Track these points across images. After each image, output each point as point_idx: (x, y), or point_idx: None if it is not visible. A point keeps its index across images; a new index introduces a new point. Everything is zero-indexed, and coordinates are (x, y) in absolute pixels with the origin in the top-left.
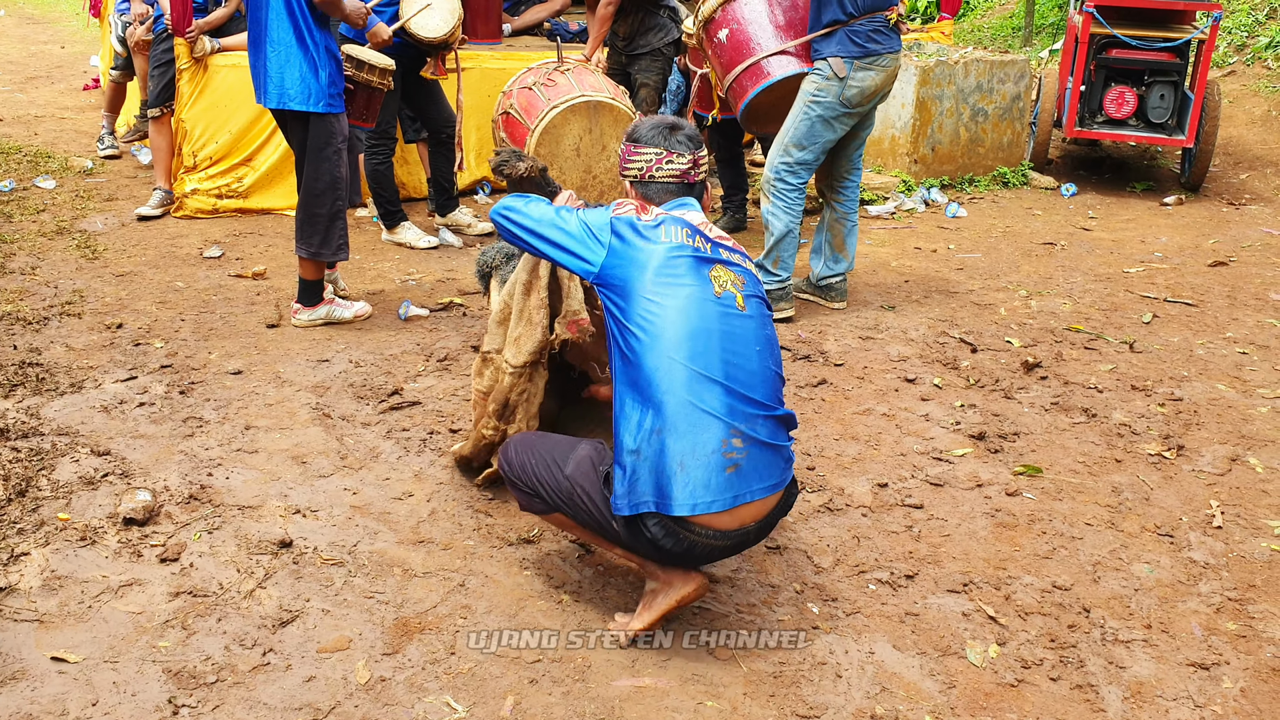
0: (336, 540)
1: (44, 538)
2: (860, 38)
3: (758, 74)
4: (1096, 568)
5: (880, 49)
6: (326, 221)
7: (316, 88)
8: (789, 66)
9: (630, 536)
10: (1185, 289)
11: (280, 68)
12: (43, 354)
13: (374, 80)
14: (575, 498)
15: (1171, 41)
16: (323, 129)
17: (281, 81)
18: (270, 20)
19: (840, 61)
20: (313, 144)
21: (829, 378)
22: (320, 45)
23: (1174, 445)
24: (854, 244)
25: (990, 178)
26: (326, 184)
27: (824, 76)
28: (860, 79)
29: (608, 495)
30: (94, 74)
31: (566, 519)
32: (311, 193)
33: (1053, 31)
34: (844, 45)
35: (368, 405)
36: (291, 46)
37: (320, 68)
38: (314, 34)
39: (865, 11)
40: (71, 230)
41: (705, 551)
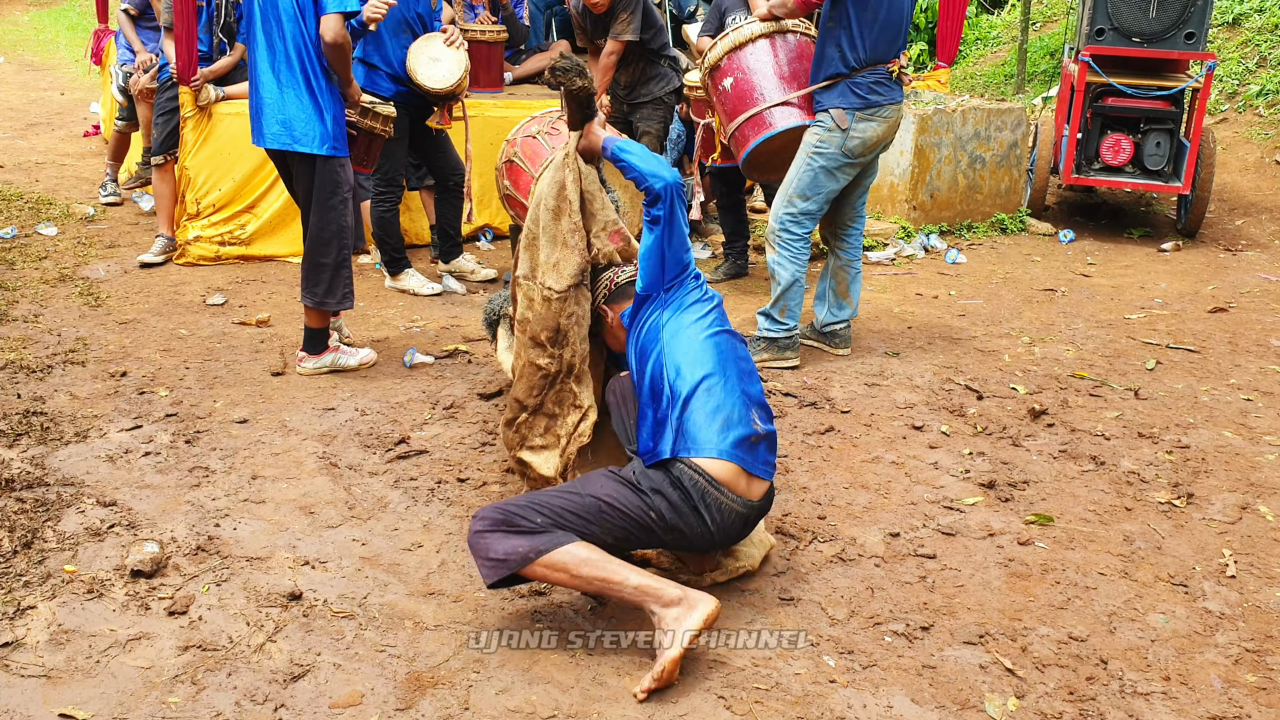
0: (346, 592)
1: (50, 590)
2: (862, 90)
3: (760, 124)
4: (1112, 618)
5: (882, 100)
6: (332, 270)
7: (322, 130)
8: (791, 118)
9: (661, 501)
10: (1187, 335)
11: (284, 108)
12: (47, 403)
13: (377, 127)
14: (602, 507)
15: (1166, 90)
16: (329, 175)
17: (285, 122)
18: (277, 61)
19: (842, 113)
20: (320, 190)
21: (836, 425)
22: (324, 89)
23: (1183, 493)
24: (858, 291)
25: (988, 224)
26: (333, 232)
27: (826, 128)
28: (862, 130)
29: (635, 491)
30: (94, 120)
31: (563, 563)
32: (317, 240)
33: (1044, 79)
34: (845, 97)
35: (375, 454)
36: (299, 88)
37: (325, 110)
38: (320, 77)
39: (866, 64)
40: (74, 277)
41: (727, 517)
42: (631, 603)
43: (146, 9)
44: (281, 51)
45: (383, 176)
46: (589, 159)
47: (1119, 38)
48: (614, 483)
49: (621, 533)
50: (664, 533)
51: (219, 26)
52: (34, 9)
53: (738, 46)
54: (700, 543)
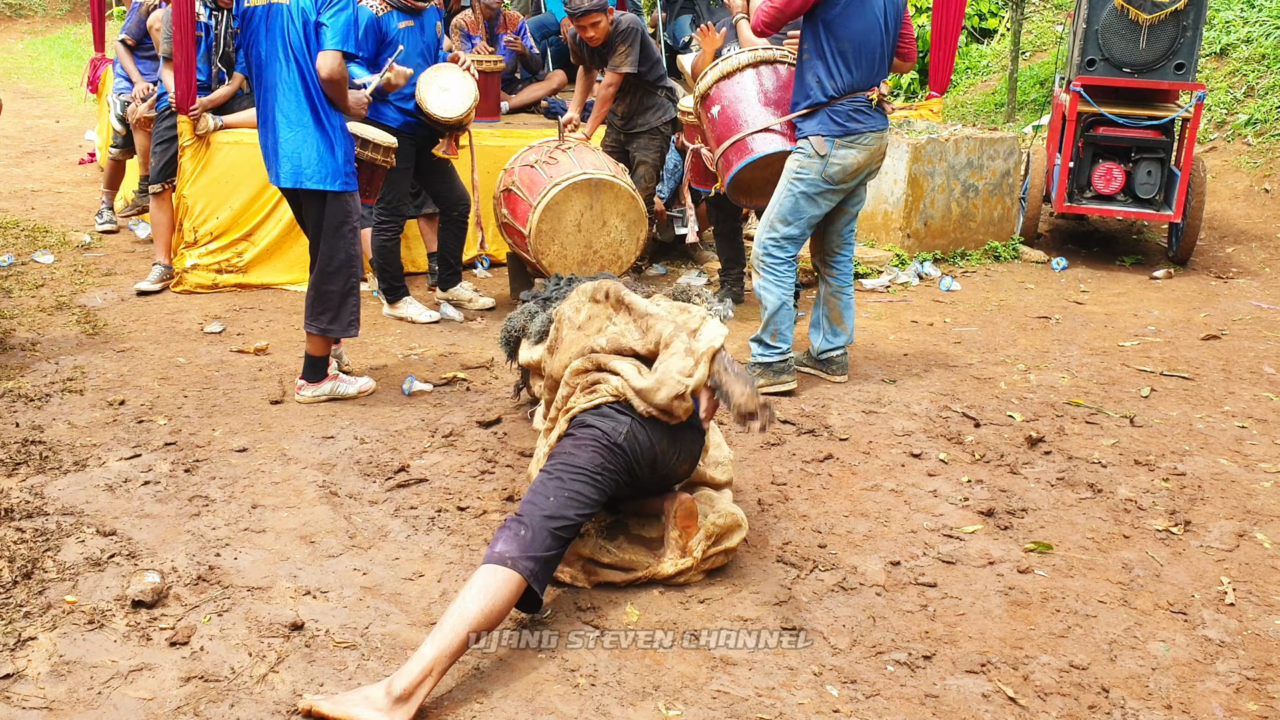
0: (348, 622)
1: (51, 621)
2: (840, 117)
3: (742, 150)
4: (1113, 646)
5: (861, 127)
6: (339, 298)
7: (334, 166)
8: (773, 144)
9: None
10: (1180, 362)
11: (296, 147)
12: (45, 431)
13: (378, 158)
14: (582, 482)
15: (1157, 120)
16: (339, 207)
17: (298, 160)
18: (285, 100)
19: (821, 140)
20: (329, 223)
21: (835, 453)
22: (333, 126)
23: (1180, 521)
24: (852, 317)
25: (982, 252)
26: (342, 261)
27: (806, 154)
28: (842, 156)
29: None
30: (89, 148)
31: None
32: (325, 271)
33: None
34: (824, 124)
35: (374, 483)
36: (309, 126)
37: (337, 146)
38: (329, 115)
39: (845, 93)
40: (71, 305)
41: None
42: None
43: (144, 39)
44: (290, 90)
45: (385, 206)
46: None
47: (1110, 68)
48: (583, 454)
49: (606, 494)
50: (636, 469)
51: (218, 56)
52: (29, 36)
53: (726, 75)
54: (665, 460)
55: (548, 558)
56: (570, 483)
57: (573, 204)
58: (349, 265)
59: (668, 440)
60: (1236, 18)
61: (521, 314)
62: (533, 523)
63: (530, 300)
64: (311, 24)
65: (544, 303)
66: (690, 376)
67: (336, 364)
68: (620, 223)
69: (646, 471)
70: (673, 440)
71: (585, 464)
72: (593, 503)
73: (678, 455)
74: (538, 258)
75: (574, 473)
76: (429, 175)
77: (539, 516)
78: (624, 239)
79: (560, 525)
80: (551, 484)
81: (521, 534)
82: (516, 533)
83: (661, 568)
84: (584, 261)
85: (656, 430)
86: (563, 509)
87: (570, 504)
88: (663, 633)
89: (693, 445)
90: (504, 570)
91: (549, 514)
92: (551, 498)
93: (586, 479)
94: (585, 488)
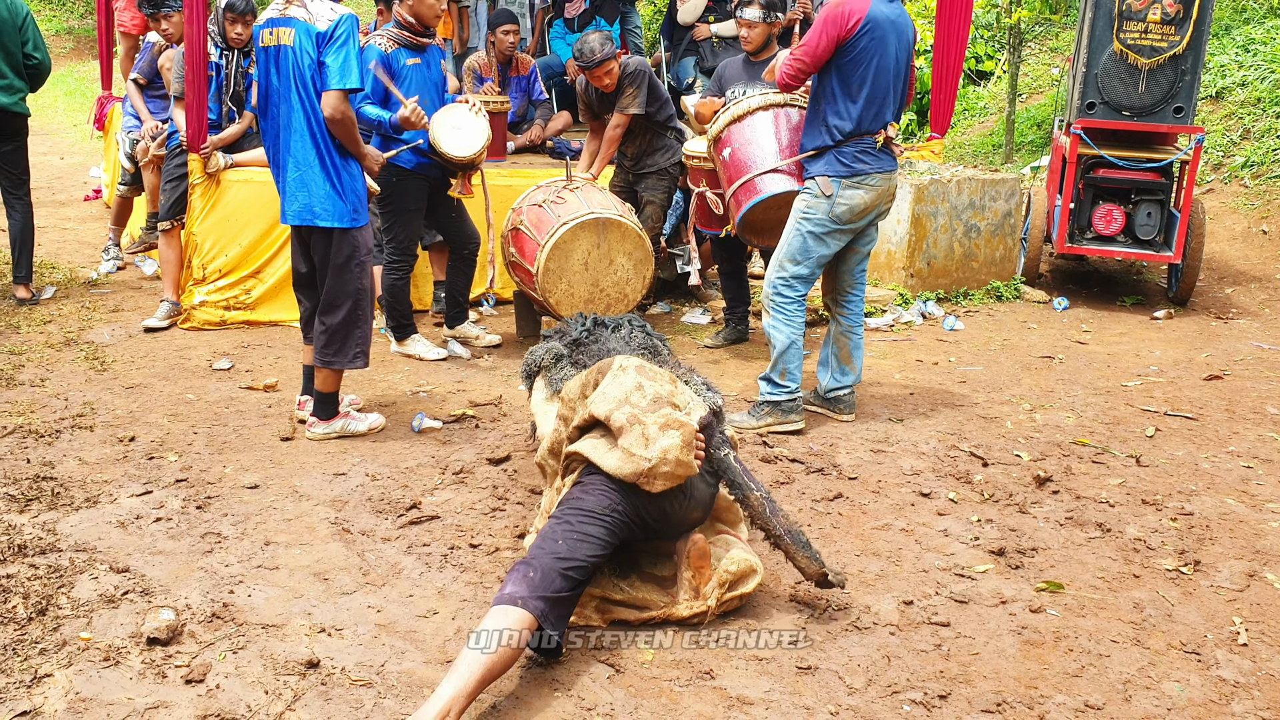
0: (364, 660)
1: (66, 658)
2: (847, 158)
3: (751, 190)
4: (1127, 686)
5: (868, 169)
6: (344, 331)
7: (343, 206)
8: (780, 184)
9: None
10: (1184, 402)
11: (304, 187)
12: (56, 467)
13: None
14: (587, 532)
15: (1157, 162)
16: (347, 244)
17: (308, 201)
18: (293, 141)
19: (827, 180)
20: (336, 259)
21: (844, 491)
22: (340, 164)
23: (1190, 560)
24: (860, 357)
25: (984, 291)
26: (347, 294)
27: (813, 194)
28: (849, 197)
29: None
30: (95, 185)
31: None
32: (329, 304)
33: (1032, 149)
34: (831, 165)
35: (387, 520)
36: (314, 167)
37: (345, 187)
38: (334, 154)
39: (852, 135)
40: (79, 342)
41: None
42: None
43: (155, 78)
44: (298, 131)
45: (396, 246)
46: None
47: (1109, 111)
48: (591, 498)
49: (618, 536)
50: (645, 515)
51: (228, 95)
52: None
53: (737, 119)
54: (674, 508)
55: (559, 599)
56: (580, 525)
57: (580, 243)
58: (355, 297)
59: (676, 492)
60: (1232, 61)
61: (545, 351)
62: (542, 565)
63: (555, 337)
64: (315, 64)
65: (573, 345)
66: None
67: (347, 401)
68: (627, 261)
69: (656, 518)
70: (682, 492)
71: (594, 507)
72: (604, 544)
73: (687, 505)
74: (545, 296)
75: (583, 516)
76: (441, 215)
77: (549, 558)
78: (630, 278)
79: (571, 566)
80: (560, 528)
81: (530, 575)
82: (525, 574)
83: (676, 610)
84: (591, 300)
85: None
86: (573, 550)
87: (581, 545)
88: (678, 671)
89: (704, 494)
90: (515, 610)
91: (559, 555)
92: (560, 540)
93: (596, 521)
94: (595, 529)
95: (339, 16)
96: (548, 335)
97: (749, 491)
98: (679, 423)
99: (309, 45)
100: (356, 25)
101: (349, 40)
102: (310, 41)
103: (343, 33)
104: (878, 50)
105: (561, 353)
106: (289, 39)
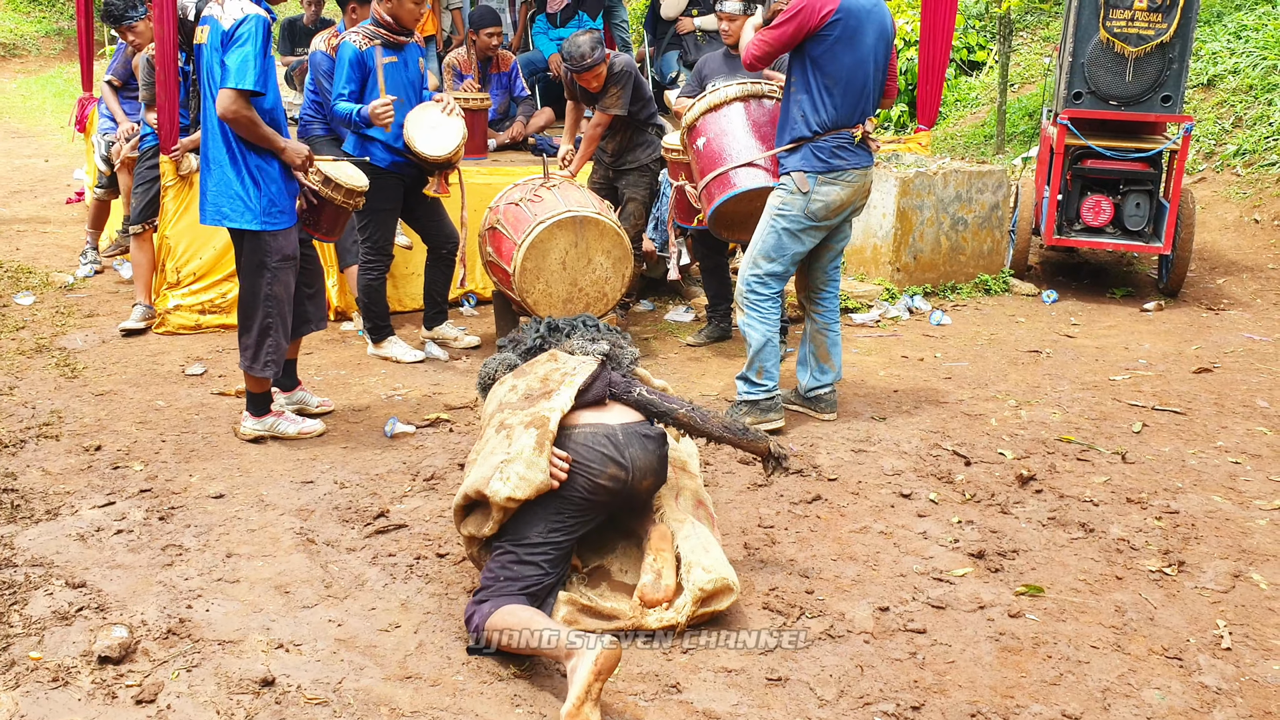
0: (321, 677)
1: (14, 679)
2: (824, 153)
3: (725, 183)
4: (1106, 694)
5: (844, 164)
6: (256, 337)
7: (254, 208)
8: (756, 179)
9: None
10: (1172, 397)
11: (215, 186)
12: (18, 479)
13: (337, 198)
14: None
15: (1145, 152)
16: (258, 247)
17: (218, 200)
18: (208, 141)
19: (803, 176)
20: (246, 262)
21: (823, 493)
22: (254, 165)
23: (1174, 561)
24: (839, 354)
25: (972, 285)
26: (257, 300)
27: (788, 190)
28: (824, 193)
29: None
30: (78, 187)
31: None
32: (242, 308)
33: (1024, 139)
34: (807, 160)
35: (353, 529)
36: (225, 166)
37: (260, 186)
38: (246, 155)
39: (829, 129)
40: (51, 348)
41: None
42: (550, 660)
43: (130, 79)
44: (211, 130)
45: (372, 245)
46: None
47: (1096, 101)
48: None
49: (575, 521)
50: (591, 492)
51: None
52: (22, 75)
53: (713, 108)
54: (619, 483)
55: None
56: (527, 551)
57: (557, 241)
58: (264, 303)
59: (614, 466)
60: (1223, 49)
61: (499, 363)
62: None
63: (509, 347)
64: (218, 63)
65: (525, 353)
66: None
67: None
68: (605, 260)
69: (605, 501)
70: (619, 464)
71: (536, 537)
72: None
73: (634, 475)
74: (523, 296)
75: (529, 548)
76: (417, 214)
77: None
78: (609, 276)
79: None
80: (506, 558)
81: (484, 609)
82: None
83: (646, 621)
84: (569, 300)
85: (596, 456)
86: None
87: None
88: (644, 685)
89: (652, 459)
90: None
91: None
92: (510, 569)
93: (540, 546)
94: (541, 549)
95: (244, 15)
96: (502, 345)
97: (675, 411)
98: (541, 419)
99: (216, 43)
100: (263, 26)
101: (249, 40)
102: (217, 39)
103: (244, 32)
104: (853, 42)
105: (515, 363)
106: (204, 37)
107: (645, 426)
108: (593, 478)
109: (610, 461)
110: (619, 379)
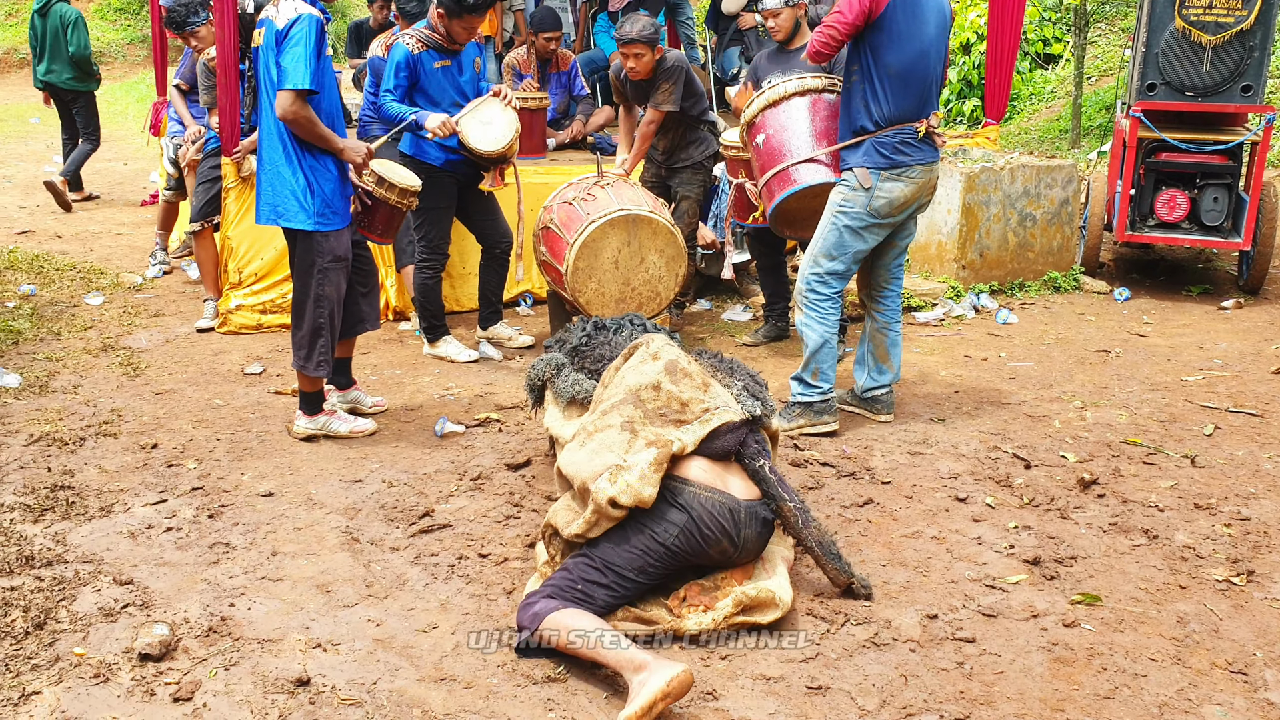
0: (356, 677)
1: (57, 675)
2: (887, 149)
3: (785, 180)
4: (1163, 709)
5: (908, 160)
6: (308, 337)
7: (308, 208)
8: (817, 175)
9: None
10: (1248, 398)
11: (270, 186)
12: (75, 476)
13: (391, 198)
14: (622, 561)
15: (1223, 144)
16: (309, 247)
17: (273, 200)
18: (264, 141)
19: (866, 172)
20: (299, 262)
21: (876, 497)
22: (309, 165)
23: (1243, 570)
24: (899, 355)
25: (1041, 283)
26: (308, 300)
27: (850, 187)
28: (888, 190)
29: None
30: (153, 190)
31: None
32: (295, 307)
33: (1100, 133)
34: (870, 156)
35: (398, 528)
36: (280, 166)
37: (315, 186)
38: (302, 155)
39: (892, 123)
40: (116, 347)
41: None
42: (612, 668)
43: (196, 84)
44: (268, 131)
45: (428, 244)
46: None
47: (1171, 92)
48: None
49: (666, 572)
50: (694, 555)
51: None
52: (108, 82)
53: (772, 104)
54: (724, 556)
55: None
56: (611, 577)
57: (610, 241)
58: (315, 304)
59: (727, 541)
60: None
61: (546, 363)
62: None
63: (555, 346)
64: (273, 64)
65: (572, 353)
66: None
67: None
68: (659, 259)
69: (702, 564)
70: (733, 541)
71: (627, 571)
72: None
73: (740, 554)
74: (575, 296)
75: (617, 577)
76: (472, 212)
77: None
78: (663, 275)
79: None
80: (588, 572)
81: (550, 604)
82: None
83: (684, 625)
84: (622, 299)
85: (715, 527)
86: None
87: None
88: None
89: (760, 543)
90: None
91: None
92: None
93: (624, 578)
94: (623, 582)
95: (296, 15)
96: (549, 345)
97: (783, 502)
98: (664, 441)
99: (271, 44)
100: (316, 26)
101: (303, 40)
102: (271, 40)
103: (297, 32)
104: (915, 29)
105: (562, 362)
106: (260, 39)
107: (764, 509)
108: (705, 545)
109: (726, 537)
110: (753, 443)
